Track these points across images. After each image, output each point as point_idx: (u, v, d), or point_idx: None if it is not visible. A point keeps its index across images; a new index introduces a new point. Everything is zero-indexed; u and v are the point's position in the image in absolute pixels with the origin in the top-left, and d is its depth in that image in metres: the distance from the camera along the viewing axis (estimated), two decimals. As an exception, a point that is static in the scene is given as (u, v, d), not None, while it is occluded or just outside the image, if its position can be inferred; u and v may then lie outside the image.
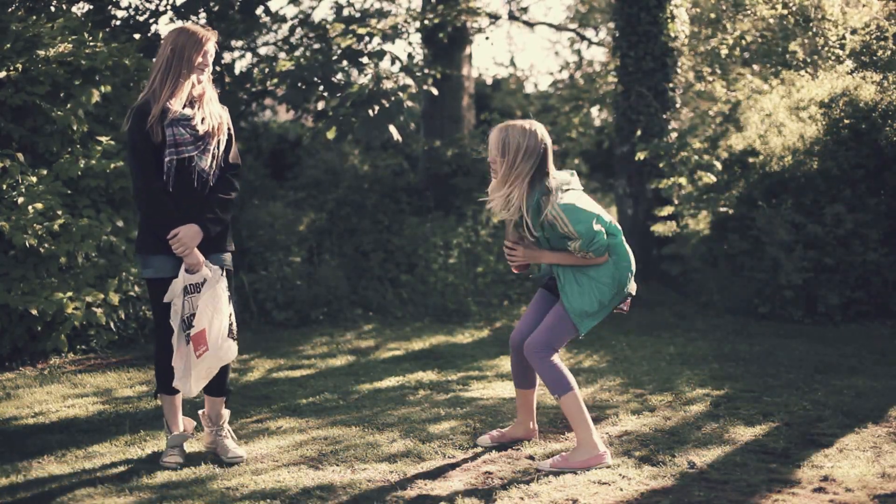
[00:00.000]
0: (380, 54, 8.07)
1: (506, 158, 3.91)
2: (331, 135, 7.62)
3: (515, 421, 4.40)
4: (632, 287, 4.10)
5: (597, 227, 3.90)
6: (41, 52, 6.02)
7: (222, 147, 4.03)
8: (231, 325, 4.01)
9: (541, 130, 3.96)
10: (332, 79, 7.71)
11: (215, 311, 3.96)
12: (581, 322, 4.01)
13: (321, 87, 7.70)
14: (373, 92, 7.35)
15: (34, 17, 6.31)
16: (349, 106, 7.41)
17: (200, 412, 4.23)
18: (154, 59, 3.98)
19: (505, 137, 3.92)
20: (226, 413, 4.19)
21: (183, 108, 3.91)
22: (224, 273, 4.01)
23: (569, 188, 3.96)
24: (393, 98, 7.40)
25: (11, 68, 5.91)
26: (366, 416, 4.80)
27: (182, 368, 3.95)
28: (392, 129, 7.55)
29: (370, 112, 7.33)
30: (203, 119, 3.95)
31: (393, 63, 8.30)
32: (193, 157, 3.92)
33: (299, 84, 7.65)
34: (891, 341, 6.48)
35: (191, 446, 4.26)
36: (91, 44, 6.29)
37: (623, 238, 4.09)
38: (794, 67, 8.70)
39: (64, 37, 6.20)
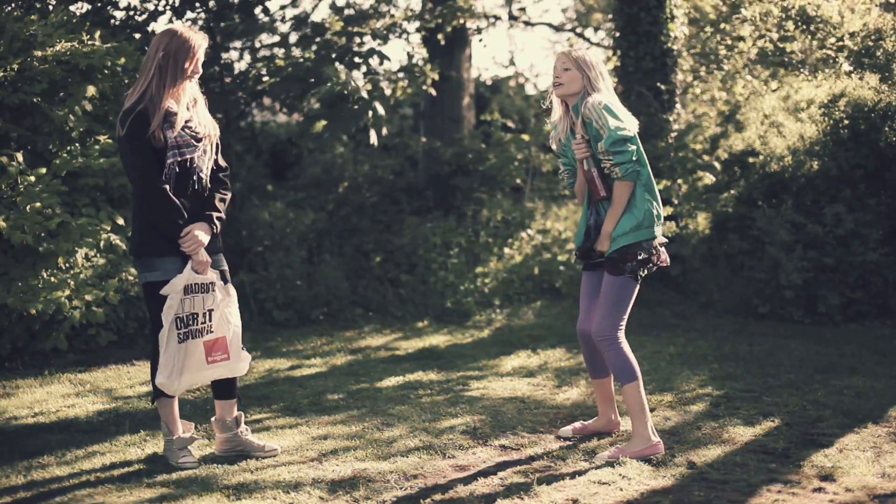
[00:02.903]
0: (369, 53, 8.08)
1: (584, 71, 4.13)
2: (316, 129, 7.66)
3: (598, 414, 4.48)
4: (658, 234, 4.13)
5: (629, 133, 3.99)
6: (38, 52, 6.02)
7: (214, 148, 4.07)
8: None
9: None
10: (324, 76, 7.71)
11: (236, 319, 4.07)
12: (614, 240, 4.08)
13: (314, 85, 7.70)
14: (341, 92, 7.36)
15: (32, 17, 6.30)
16: (319, 104, 7.43)
17: (213, 419, 4.21)
18: (144, 61, 3.98)
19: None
20: (241, 414, 4.20)
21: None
22: (220, 274, 4.05)
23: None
24: (366, 98, 7.40)
25: (8, 68, 5.91)
26: (366, 416, 4.80)
27: (171, 366, 3.92)
28: (372, 133, 7.60)
29: (338, 111, 7.37)
30: (199, 121, 4.01)
31: (381, 63, 8.28)
32: (194, 159, 3.95)
33: (292, 83, 7.66)
34: (891, 341, 6.48)
35: (201, 449, 4.25)
36: (89, 43, 6.29)
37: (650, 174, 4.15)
38: (792, 68, 8.70)
39: (61, 36, 6.19)
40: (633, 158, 3.99)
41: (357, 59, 8.01)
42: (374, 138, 7.65)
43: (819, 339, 6.57)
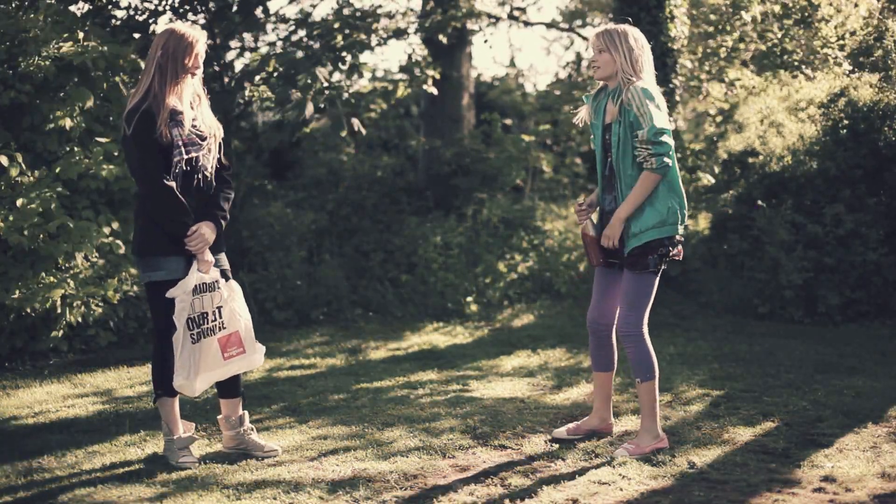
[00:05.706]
0: (352, 71, 8.13)
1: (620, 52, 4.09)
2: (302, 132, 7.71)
3: (592, 411, 4.46)
4: (681, 231, 4.15)
5: (667, 124, 3.98)
6: (33, 51, 6.00)
7: (218, 147, 4.08)
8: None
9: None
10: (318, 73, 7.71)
11: (245, 313, 4.11)
12: (627, 240, 4.09)
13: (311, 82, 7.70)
14: (331, 92, 7.39)
15: (30, 14, 6.28)
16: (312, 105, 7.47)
17: (219, 417, 4.23)
18: (146, 61, 4.00)
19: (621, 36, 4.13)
20: (245, 413, 4.21)
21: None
22: (221, 272, 4.06)
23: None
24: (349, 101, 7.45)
25: (1, 67, 5.90)
26: (366, 416, 4.80)
27: (187, 368, 3.93)
28: (355, 121, 7.63)
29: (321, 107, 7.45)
30: (204, 120, 4.02)
31: (373, 76, 8.31)
32: (199, 157, 3.96)
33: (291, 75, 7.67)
34: (891, 341, 6.48)
35: (201, 449, 4.26)
36: (85, 43, 6.27)
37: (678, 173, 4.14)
38: (792, 69, 8.69)
39: (57, 34, 6.17)
40: (670, 154, 3.99)
41: (346, 62, 8.03)
42: (348, 129, 7.65)
43: (819, 339, 6.57)
